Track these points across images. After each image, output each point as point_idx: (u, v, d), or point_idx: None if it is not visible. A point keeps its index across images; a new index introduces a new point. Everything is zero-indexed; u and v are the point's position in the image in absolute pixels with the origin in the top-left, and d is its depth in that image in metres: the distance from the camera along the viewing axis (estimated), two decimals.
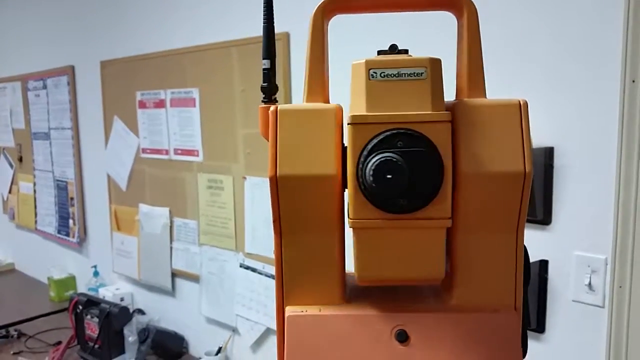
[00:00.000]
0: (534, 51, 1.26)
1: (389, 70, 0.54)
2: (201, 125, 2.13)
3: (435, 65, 0.55)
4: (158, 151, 2.35)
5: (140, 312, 2.46)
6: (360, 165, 0.51)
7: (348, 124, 0.52)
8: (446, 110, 0.53)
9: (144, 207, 2.46)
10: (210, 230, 2.15)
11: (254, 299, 1.98)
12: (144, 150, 2.43)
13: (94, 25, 2.67)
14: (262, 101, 0.60)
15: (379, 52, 0.56)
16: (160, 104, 2.31)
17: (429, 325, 0.54)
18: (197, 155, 2.17)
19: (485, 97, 0.61)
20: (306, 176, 0.53)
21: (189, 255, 2.26)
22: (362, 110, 0.53)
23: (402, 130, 0.51)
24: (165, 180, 2.34)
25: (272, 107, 0.54)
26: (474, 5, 0.60)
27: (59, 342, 2.41)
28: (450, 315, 0.55)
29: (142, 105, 2.40)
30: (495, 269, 0.57)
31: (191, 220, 2.24)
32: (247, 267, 2.00)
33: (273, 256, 0.58)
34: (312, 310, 0.55)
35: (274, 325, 2.01)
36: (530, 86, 1.27)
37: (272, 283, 1.91)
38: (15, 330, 2.57)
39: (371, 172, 0.48)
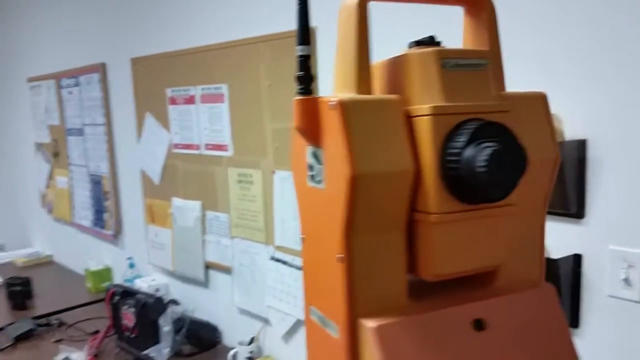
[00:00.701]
0: (566, 41, 1.25)
1: (461, 60, 0.53)
2: (230, 121, 2.17)
3: (494, 56, 0.57)
4: (189, 146, 2.40)
5: (175, 302, 2.52)
6: (449, 157, 0.49)
7: (423, 115, 0.51)
8: None
9: (176, 201, 2.52)
10: (241, 224, 2.19)
11: (285, 291, 2.02)
12: (175, 146, 2.48)
13: (124, 23, 2.73)
14: (299, 92, 0.54)
15: (418, 43, 0.56)
16: (190, 100, 2.35)
17: (497, 310, 0.55)
18: (227, 150, 2.21)
19: (505, 90, 0.62)
20: (385, 173, 0.50)
21: (221, 247, 2.31)
22: (436, 101, 0.51)
23: (487, 122, 0.51)
24: (197, 174, 2.39)
25: (334, 100, 0.50)
26: (492, 3, 0.61)
27: (97, 331, 2.50)
28: (511, 297, 0.57)
29: (173, 101, 2.45)
30: (530, 247, 0.60)
31: (222, 213, 2.28)
32: (278, 260, 2.03)
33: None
34: (391, 317, 0.52)
35: (303, 317, 2.05)
36: (561, 77, 1.26)
37: (301, 275, 1.94)
38: (56, 320, 2.67)
39: (483, 163, 0.47)
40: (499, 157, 0.47)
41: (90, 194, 3.26)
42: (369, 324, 0.51)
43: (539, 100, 0.61)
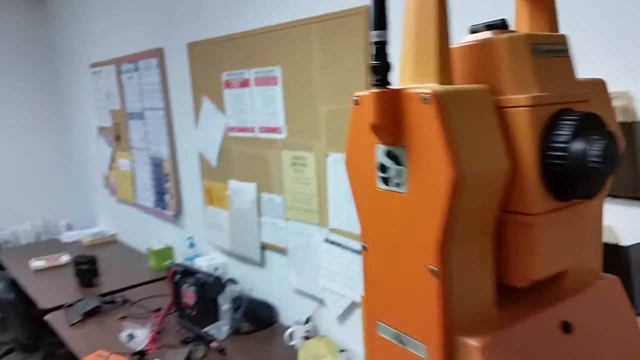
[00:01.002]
0: (636, 17, 1.17)
1: (550, 46, 0.49)
2: (284, 103, 2.17)
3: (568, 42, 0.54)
4: (244, 129, 2.43)
5: (233, 281, 2.59)
6: (553, 152, 0.46)
7: (519, 106, 0.46)
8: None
9: (232, 183, 2.57)
10: (295, 206, 2.21)
11: (339, 273, 2.03)
12: (231, 129, 2.52)
13: (181, 8, 2.77)
14: (375, 84, 0.49)
15: (489, 27, 0.51)
16: (244, 84, 2.37)
17: (578, 309, 0.53)
18: (281, 133, 2.22)
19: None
20: (486, 173, 0.46)
21: (276, 229, 2.35)
22: (530, 90, 0.47)
23: (587, 113, 0.47)
24: (252, 157, 2.42)
25: (427, 92, 0.45)
26: None
27: (159, 309, 2.60)
28: (586, 293, 0.54)
29: (228, 85, 2.48)
30: (593, 239, 0.57)
31: (277, 195, 2.31)
32: (332, 242, 2.04)
33: (358, 232, 0.54)
34: (487, 332, 0.48)
35: (358, 299, 2.04)
36: (631, 55, 1.18)
37: (356, 257, 1.95)
38: (120, 297, 2.80)
39: (598, 157, 0.44)
40: (610, 150, 0.45)
41: (151, 176, 3.38)
42: (473, 343, 0.46)
43: (602, 87, 0.58)
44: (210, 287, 2.40)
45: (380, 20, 0.49)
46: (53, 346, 3.14)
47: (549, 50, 0.50)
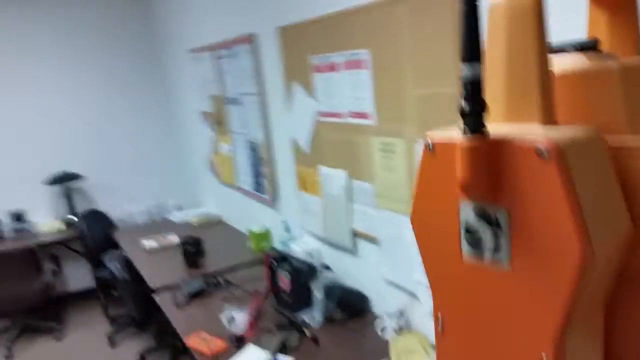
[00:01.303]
0: None
1: None
2: (373, 88, 2.08)
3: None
4: (334, 114, 2.38)
5: (327, 268, 2.58)
6: None
7: None
8: None
9: (323, 169, 2.54)
10: (385, 194, 2.13)
11: None
12: (321, 114, 2.47)
13: None
14: (467, 132, 0.39)
15: (582, 48, 0.41)
16: (333, 68, 2.30)
17: None
18: (370, 118, 2.13)
19: None
20: (615, 241, 0.37)
21: (367, 217, 2.29)
22: None
23: None
24: (342, 143, 2.37)
25: (546, 144, 0.35)
26: None
27: (257, 292, 2.67)
28: None
29: (317, 69, 2.42)
30: None
31: (367, 183, 2.24)
32: None
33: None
34: None
35: None
36: None
37: None
38: (222, 278, 2.92)
39: None
40: None
41: (250, 160, 3.45)
42: None
43: None
44: (304, 273, 2.41)
45: (472, 48, 0.38)
46: (163, 323, 3.37)
47: None
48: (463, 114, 0.39)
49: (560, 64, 0.43)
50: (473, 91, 0.38)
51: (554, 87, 0.40)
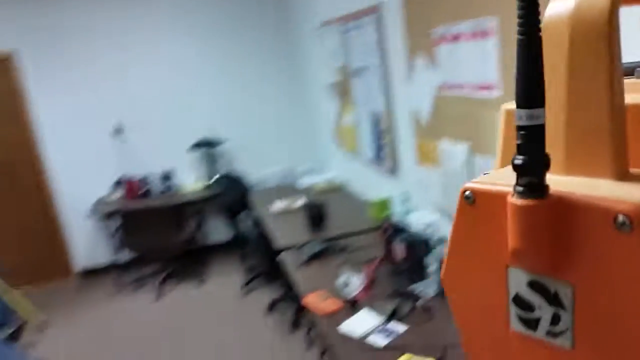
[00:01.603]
0: None
1: None
2: (500, 58, 2.00)
3: None
4: (457, 86, 2.33)
5: (441, 242, 2.59)
6: None
7: None
8: None
9: (444, 143, 2.51)
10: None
11: None
12: (443, 86, 2.44)
13: None
14: (523, 193, 0.33)
15: None
16: (458, 38, 2.25)
17: None
18: (496, 90, 2.06)
19: None
20: None
21: None
22: None
23: None
24: (464, 116, 2.32)
25: (630, 214, 0.28)
26: None
27: (373, 259, 2.76)
28: None
29: (441, 39, 2.38)
30: None
31: (490, 157, 2.18)
32: None
33: None
34: None
35: None
36: None
37: None
38: (341, 243, 3.05)
39: None
40: None
41: (372, 131, 3.51)
42: None
43: None
44: (419, 246, 2.44)
45: (532, 90, 0.32)
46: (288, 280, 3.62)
47: None
48: (516, 169, 0.33)
49: (630, 90, 0.35)
50: (530, 142, 0.32)
51: (626, 126, 0.32)
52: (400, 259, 2.51)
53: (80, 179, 4.81)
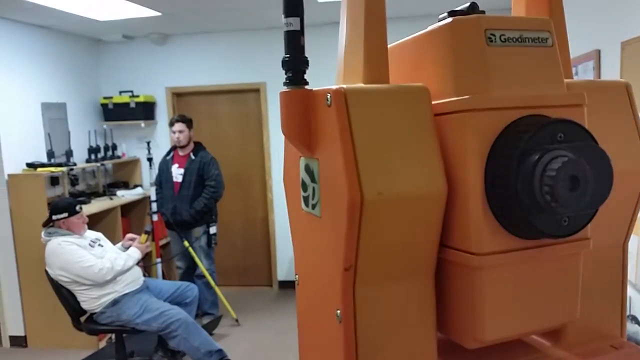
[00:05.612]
0: None
1: (511, 32, 0.37)
2: None
3: (558, 27, 0.42)
4: None
5: None
6: (501, 172, 0.34)
7: (461, 111, 0.35)
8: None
9: None
10: None
11: None
12: None
13: (614, 5, 2.50)
14: (286, 83, 0.41)
15: (452, 13, 0.38)
16: None
17: None
18: None
19: (572, 77, 0.47)
20: (407, 197, 0.36)
21: None
22: (479, 90, 0.36)
23: (553, 120, 0.34)
24: None
25: (333, 89, 0.37)
26: None
27: None
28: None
29: None
30: (608, 294, 0.41)
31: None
32: None
33: None
34: None
35: None
36: None
37: None
38: None
39: (553, 180, 0.32)
40: (576, 170, 0.31)
41: None
42: None
43: (622, 92, 0.41)
44: None
45: (293, 4, 0.39)
46: None
47: (515, 38, 0.36)
48: (284, 66, 0.39)
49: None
50: (291, 43, 0.39)
51: (384, 52, 0.37)
52: None
53: None
